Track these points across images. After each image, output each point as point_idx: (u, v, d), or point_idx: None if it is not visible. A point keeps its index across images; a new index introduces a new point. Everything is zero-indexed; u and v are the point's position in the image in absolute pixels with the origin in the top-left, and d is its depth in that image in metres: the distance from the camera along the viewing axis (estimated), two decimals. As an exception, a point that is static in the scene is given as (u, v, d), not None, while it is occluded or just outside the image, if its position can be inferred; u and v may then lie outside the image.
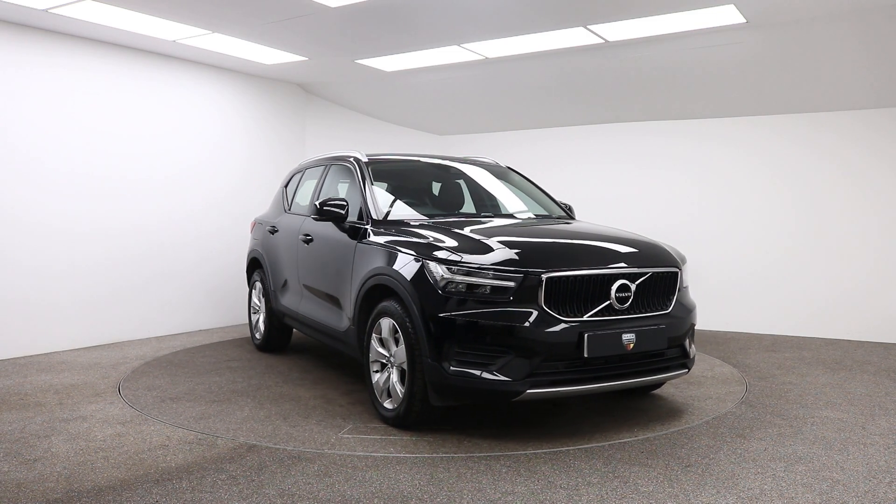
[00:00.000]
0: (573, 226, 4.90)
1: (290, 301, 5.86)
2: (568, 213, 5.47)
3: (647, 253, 4.29)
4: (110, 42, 6.71)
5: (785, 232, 7.50)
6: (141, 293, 7.07)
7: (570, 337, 3.75)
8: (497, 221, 4.94)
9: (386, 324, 4.20)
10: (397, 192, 5.27)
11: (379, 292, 4.36)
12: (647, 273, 4.07)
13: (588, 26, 5.91)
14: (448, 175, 5.69)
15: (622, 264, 4.04)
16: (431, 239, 4.21)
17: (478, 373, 3.74)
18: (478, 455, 3.68)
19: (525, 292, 3.78)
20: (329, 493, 3.18)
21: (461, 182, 5.66)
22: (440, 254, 3.98)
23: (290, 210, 6.26)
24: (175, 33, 6.37)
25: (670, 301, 4.20)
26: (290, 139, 8.61)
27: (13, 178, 6.09)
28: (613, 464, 3.56)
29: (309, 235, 5.51)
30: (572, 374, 3.80)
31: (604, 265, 3.98)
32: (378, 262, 4.36)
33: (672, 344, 4.12)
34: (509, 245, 4.04)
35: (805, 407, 4.63)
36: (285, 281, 5.98)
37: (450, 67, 7.41)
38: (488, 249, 3.99)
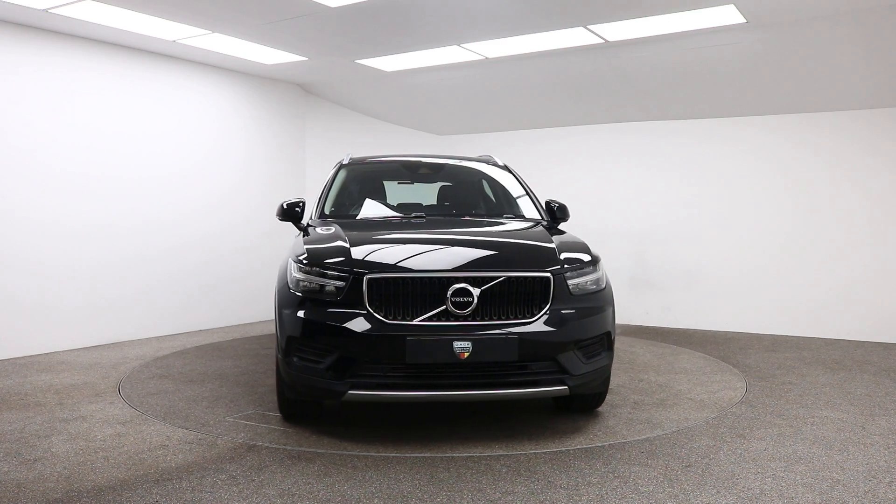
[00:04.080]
0: (470, 227, 4.64)
1: None
2: (556, 213, 5.05)
3: (510, 256, 4.01)
4: (110, 42, 6.71)
5: (785, 232, 7.50)
6: (141, 293, 7.07)
7: (393, 341, 3.63)
8: (421, 223, 4.76)
9: None
10: (363, 192, 5.41)
11: None
12: (499, 278, 3.76)
13: (588, 26, 5.91)
14: (423, 176, 5.72)
15: (460, 267, 3.78)
16: (307, 238, 4.32)
17: (310, 370, 3.80)
18: (478, 455, 3.68)
19: (352, 293, 3.75)
20: (329, 493, 3.18)
21: (438, 182, 5.67)
22: (298, 253, 4.09)
23: None
24: (175, 33, 6.37)
25: (540, 309, 3.81)
26: (290, 139, 8.61)
27: (12, 177, 6.08)
28: (613, 464, 3.56)
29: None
30: (396, 379, 3.71)
31: (437, 268, 3.76)
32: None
33: (534, 357, 3.75)
34: (353, 245, 4.01)
35: (805, 407, 4.63)
36: None
37: (450, 67, 7.41)
38: (332, 249, 4.03)
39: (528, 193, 5.41)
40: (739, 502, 3.08)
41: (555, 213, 5.05)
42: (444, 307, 3.71)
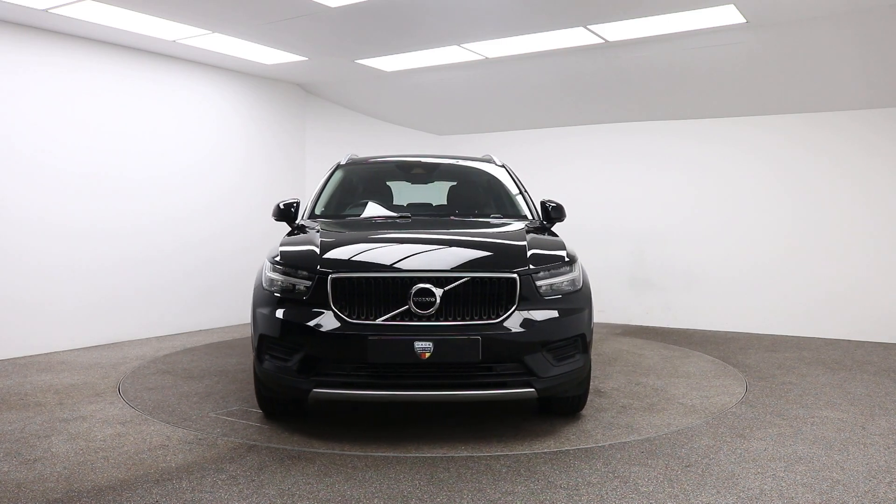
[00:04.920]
0: (450, 228, 4.63)
1: None
2: (551, 213, 4.95)
3: (477, 257, 3.94)
4: (110, 42, 6.71)
5: (785, 232, 7.50)
6: (140, 293, 7.06)
7: (356, 340, 3.65)
8: (406, 223, 4.76)
9: None
10: (355, 192, 5.42)
11: None
12: (462, 278, 3.74)
13: (588, 26, 5.91)
14: (418, 176, 5.73)
15: (424, 268, 3.78)
16: (285, 239, 4.37)
17: (280, 368, 3.85)
18: (478, 455, 3.68)
19: (318, 293, 3.80)
20: (329, 493, 3.18)
21: (431, 183, 5.68)
22: (273, 253, 4.17)
23: None
24: (175, 33, 6.37)
25: (507, 310, 3.77)
26: (290, 139, 8.61)
27: (12, 177, 6.08)
28: (613, 464, 3.56)
29: None
30: (360, 378, 3.73)
31: (401, 268, 3.78)
32: None
33: (499, 358, 3.71)
34: (324, 245, 4.04)
35: (805, 407, 4.63)
36: None
37: (450, 67, 7.41)
38: (303, 250, 4.07)
39: (522, 193, 5.37)
40: (739, 502, 3.08)
41: (549, 213, 4.98)
42: (406, 307, 3.72)
